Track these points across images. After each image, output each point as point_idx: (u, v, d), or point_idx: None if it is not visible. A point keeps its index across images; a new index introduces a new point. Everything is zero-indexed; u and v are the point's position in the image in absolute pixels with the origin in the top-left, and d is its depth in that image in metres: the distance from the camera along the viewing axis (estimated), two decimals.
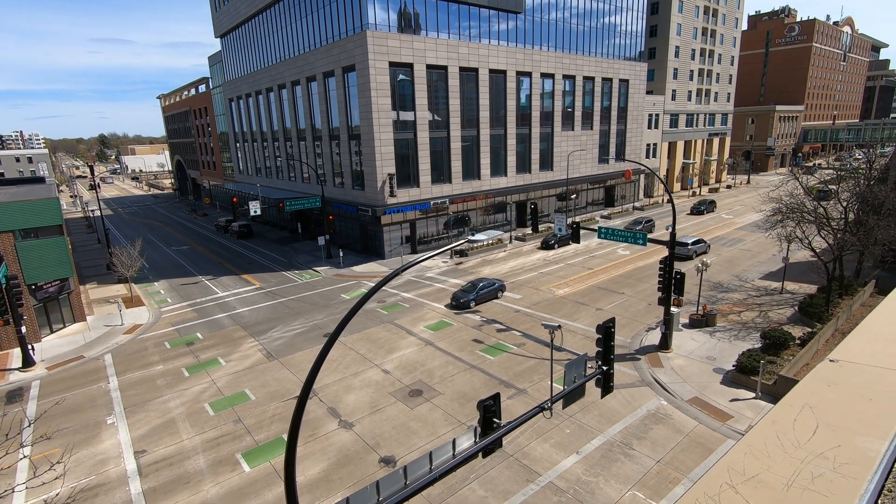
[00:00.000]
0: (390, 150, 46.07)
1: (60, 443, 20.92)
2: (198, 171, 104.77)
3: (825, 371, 4.10)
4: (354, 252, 51.73)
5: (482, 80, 51.90)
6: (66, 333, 33.75)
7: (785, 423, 3.43)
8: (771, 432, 3.37)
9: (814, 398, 3.71)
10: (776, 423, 3.44)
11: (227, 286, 43.62)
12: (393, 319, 33.70)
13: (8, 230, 30.47)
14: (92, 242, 65.80)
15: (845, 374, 4.00)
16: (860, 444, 3.18)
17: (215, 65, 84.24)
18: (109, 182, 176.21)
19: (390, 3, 44.41)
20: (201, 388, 25.42)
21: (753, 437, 3.36)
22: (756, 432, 3.47)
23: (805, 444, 3.22)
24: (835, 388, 3.84)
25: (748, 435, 3.48)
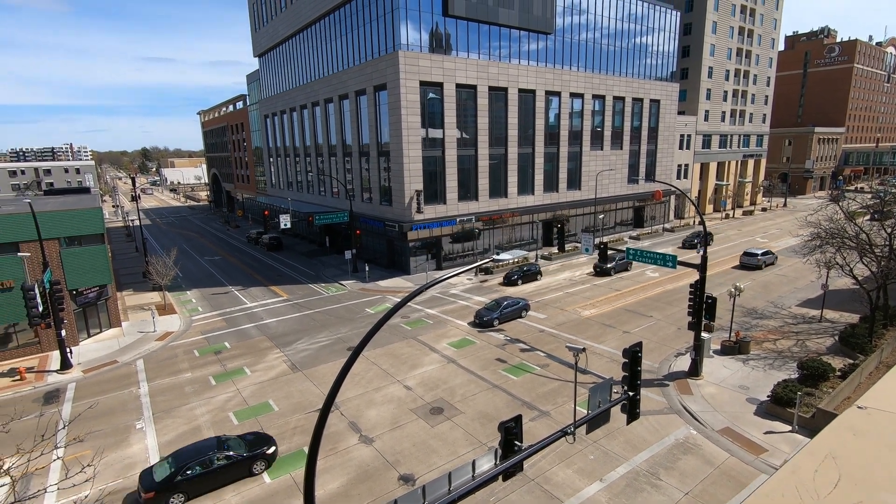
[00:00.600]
0: (418, 167, 46.66)
1: (92, 445, 21.55)
2: (232, 184, 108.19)
3: (852, 418, 3.90)
4: (380, 267, 52.22)
5: (511, 99, 52.28)
6: (102, 338, 34.99)
7: (806, 472, 3.26)
8: (790, 482, 3.21)
9: (838, 447, 3.52)
10: (796, 473, 3.28)
11: (256, 297, 44.55)
12: (416, 335, 33.72)
13: (54, 237, 32.02)
14: (130, 251, 68.40)
15: (874, 423, 3.79)
16: (885, 501, 2.99)
17: (253, 83, 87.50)
18: (149, 193, 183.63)
19: (422, 25, 45.44)
20: (227, 397, 25.87)
21: (771, 487, 3.22)
22: (775, 481, 3.33)
23: (825, 498, 3.05)
24: (862, 437, 3.64)
25: (766, 484, 3.35)
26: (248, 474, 19.22)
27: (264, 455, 19.50)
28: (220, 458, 18.67)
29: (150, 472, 18.27)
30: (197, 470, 18.20)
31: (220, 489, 18.72)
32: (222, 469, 18.62)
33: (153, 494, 17.40)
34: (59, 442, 20.48)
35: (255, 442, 19.99)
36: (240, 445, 19.53)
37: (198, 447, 19.20)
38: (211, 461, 18.50)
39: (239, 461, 18.93)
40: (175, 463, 18.30)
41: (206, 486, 18.38)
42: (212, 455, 18.61)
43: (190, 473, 18.05)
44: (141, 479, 18.11)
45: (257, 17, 76.55)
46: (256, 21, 77.18)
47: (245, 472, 19.11)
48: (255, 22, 77.59)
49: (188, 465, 18.15)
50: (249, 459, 19.15)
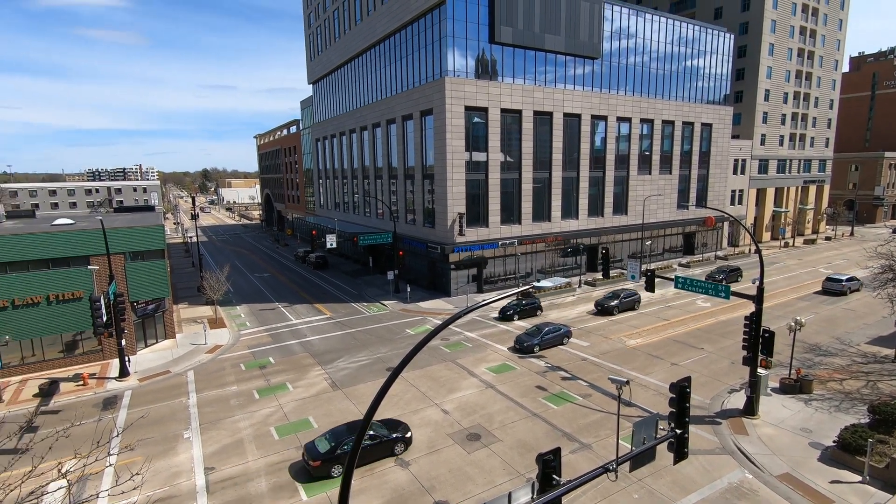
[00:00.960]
0: (462, 190, 47.09)
1: (142, 452, 22.50)
2: (283, 204, 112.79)
3: None
4: (422, 288, 52.56)
5: (556, 123, 52.19)
6: (158, 349, 36.83)
7: None
8: None
9: None
10: None
11: (301, 314, 45.75)
12: (455, 358, 33.50)
13: (120, 252, 34.31)
14: (187, 266, 72.16)
15: None
16: None
17: (306, 108, 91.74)
18: (207, 212, 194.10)
19: (469, 52, 46.43)
20: (269, 412, 26.47)
21: None
22: None
23: None
24: None
25: None
26: (391, 454, 21.74)
27: (404, 438, 22.02)
28: (369, 437, 21.31)
29: (314, 446, 21.04)
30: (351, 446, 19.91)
31: (369, 464, 21.17)
32: (372, 447, 21.22)
33: (319, 463, 20.15)
34: (112, 448, 21.51)
35: (392, 427, 22.45)
36: (381, 428, 22.09)
37: (349, 426, 22.11)
38: (366, 437, 20.99)
39: (385, 441, 21.55)
40: (333, 439, 21.10)
41: (359, 461, 20.80)
42: (369, 432, 21.34)
43: (346, 448, 20.62)
44: (307, 451, 20.85)
45: (313, 47, 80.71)
46: (311, 51, 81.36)
47: (388, 451, 21.68)
48: (311, 52, 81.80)
49: (345, 441, 20.85)
50: (392, 441, 21.72)
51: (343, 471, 18.49)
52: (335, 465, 20.37)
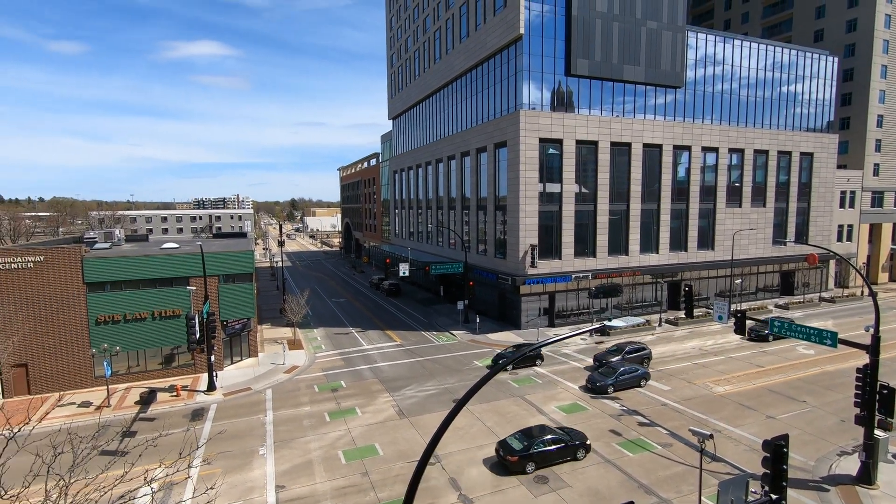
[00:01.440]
0: (534, 222, 46.60)
1: (221, 464, 23.82)
2: (361, 232, 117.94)
3: None
4: (491, 319, 52.02)
5: (635, 154, 50.53)
6: (242, 366, 39.29)
7: None
8: None
9: None
10: None
11: (373, 340, 46.92)
12: (524, 394, 32.49)
13: (215, 274, 37.44)
14: (272, 289, 77.07)
15: None
16: None
17: (385, 142, 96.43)
18: (293, 238, 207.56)
19: (544, 85, 46.67)
20: (338, 435, 27.07)
21: None
22: None
23: None
24: None
25: None
26: (574, 458, 23.58)
27: (584, 444, 23.97)
28: (555, 440, 23.33)
29: (507, 443, 23.32)
30: (541, 447, 22.98)
31: (555, 465, 23.19)
32: (558, 450, 23.24)
33: (516, 459, 22.45)
34: (195, 458, 22.97)
35: (573, 435, 24.40)
36: (565, 434, 24.12)
37: (541, 428, 24.23)
38: (552, 441, 23.29)
39: (569, 446, 23.47)
40: (524, 439, 23.33)
41: (547, 461, 23.07)
42: (551, 436, 23.43)
43: (537, 448, 22.88)
44: (502, 447, 23.23)
45: (393, 85, 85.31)
46: (392, 89, 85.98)
47: (572, 454, 23.55)
48: (392, 90, 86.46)
49: (536, 441, 23.04)
50: (574, 446, 23.60)
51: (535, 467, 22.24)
52: (529, 462, 22.54)
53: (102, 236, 45.78)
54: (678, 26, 50.50)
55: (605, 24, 47.38)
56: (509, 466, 22.62)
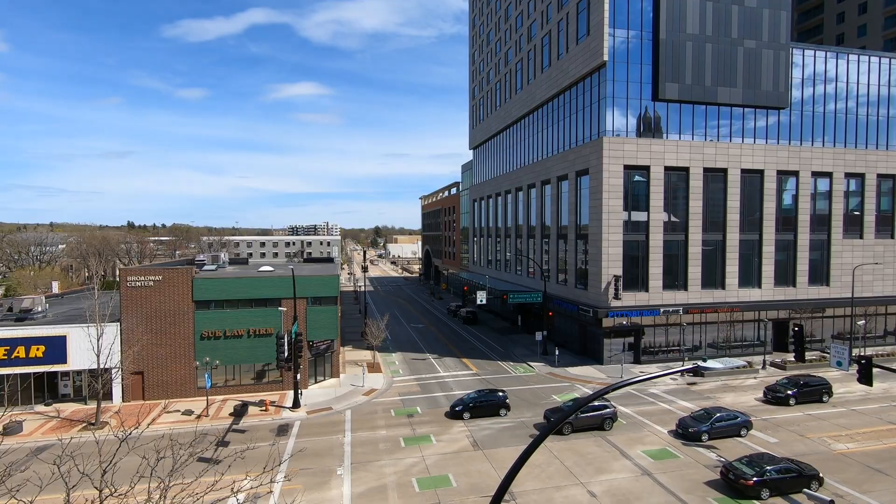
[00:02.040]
0: (618, 251, 44.62)
1: (301, 481, 24.68)
2: (441, 259, 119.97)
3: None
4: (571, 352, 49.98)
5: (731, 180, 47.02)
6: (325, 385, 40.94)
7: None
8: None
9: None
10: None
11: (449, 367, 46.90)
12: (606, 434, 30.54)
13: (304, 297, 39.77)
14: (355, 313, 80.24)
15: None
16: None
17: (466, 171, 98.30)
18: (375, 264, 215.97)
19: (629, 110, 45.29)
20: (412, 462, 27.05)
21: None
22: None
23: None
24: None
25: None
26: (808, 487, 23.49)
27: (817, 477, 23.66)
28: (784, 470, 23.41)
29: (737, 467, 23.68)
30: (775, 475, 23.14)
31: (792, 494, 23.18)
32: (791, 479, 23.30)
33: (752, 482, 22.73)
34: (279, 473, 24.00)
35: (803, 466, 24.06)
36: (799, 465, 23.96)
37: (770, 456, 24.63)
38: (785, 469, 23.43)
39: (800, 477, 23.38)
40: (754, 465, 23.52)
41: (783, 489, 23.21)
42: (784, 465, 23.67)
43: (771, 475, 23.08)
44: (730, 470, 23.68)
45: (475, 116, 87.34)
46: (474, 119, 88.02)
47: (806, 485, 23.48)
48: (473, 120, 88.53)
49: (766, 468, 23.27)
50: (808, 477, 23.45)
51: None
52: (764, 489, 22.66)
53: (210, 259, 50.65)
54: (781, 44, 47.01)
55: (697, 46, 45.32)
56: (743, 490, 22.84)
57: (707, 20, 45.58)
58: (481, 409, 33.64)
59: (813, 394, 35.76)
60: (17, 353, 34.55)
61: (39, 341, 35.10)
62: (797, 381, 36.22)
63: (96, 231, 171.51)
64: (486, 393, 34.75)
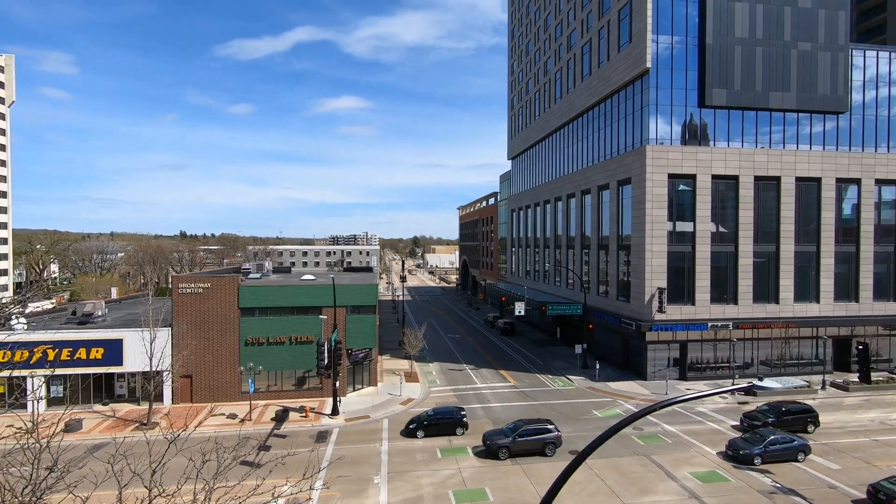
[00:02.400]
0: (662, 263, 43.14)
1: (339, 488, 24.89)
2: (478, 270, 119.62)
3: None
4: (612, 366, 48.51)
5: (785, 189, 44.72)
6: (363, 394, 41.34)
7: None
8: None
9: None
10: None
11: (486, 378, 46.43)
12: (650, 453, 29.33)
13: (344, 305, 40.46)
14: (392, 322, 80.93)
15: None
16: None
17: (504, 182, 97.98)
18: (413, 274, 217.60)
19: (674, 118, 43.99)
20: (449, 474, 26.81)
21: None
22: None
23: None
24: None
25: None
26: None
27: None
28: None
29: (887, 487, 22.50)
30: None
31: None
32: None
33: None
34: (317, 480, 24.31)
35: None
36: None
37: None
38: None
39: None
40: None
41: None
42: None
43: None
44: (882, 491, 22.47)
45: (513, 126, 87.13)
46: (512, 130, 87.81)
47: None
48: (511, 131, 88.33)
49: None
50: None
51: None
52: None
53: (255, 267, 52.44)
54: (839, 45, 44.62)
55: (747, 50, 43.64)
56: None
57: (757, 23, 43.86)
58: (437, 428, 31.96)
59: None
60: (78, 354, 36.75)
61: (99, 344, 37.21)
62: (777, 407, 32.88)
63: (152, 240, 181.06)
64: (444, 410, 33.47)
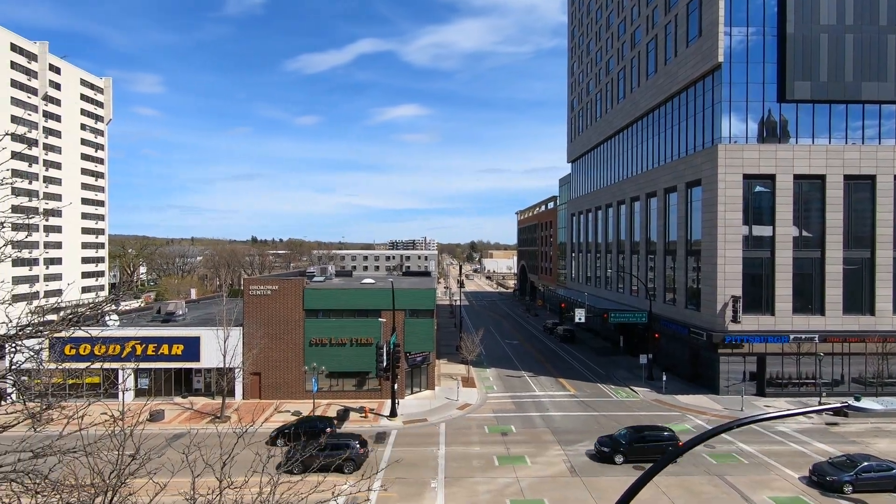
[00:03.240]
0: (737, 270, 40.35)
1: (396, 490, 25.17)
2: (536, 275, 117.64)
3: None
4: (680, 378, 45.88)
5: (882, 188, 40.52)
6: (420, 397, 41.70)
7: None
8: None
9: None
10: None
11: (545, 386, 45.42)
12: (723, 473, 27.38)
13: (402, 309, 41.09)
14: (450, 326, 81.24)
15: None
16: None
17: (563, 185, 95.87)
18: (470, 279, 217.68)
19: (749, 114, 41.15)
20: (506, 483, 26.39)
21: None
22: None
23: None
24: None
25: None
26: None
27: None
28: None
29: None
30: None
31: None
32: None
33: None
34: (376, 481, 24.73)
35: None
36: None
37: None
38: None
39: None
40: None
41: None
42: None
43: None
44: None
45: (573, 129, 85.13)
46: (572, 132, 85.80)
47: None
48: (571, 133, 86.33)
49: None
50: None
51: None
52: None
53: (319, 271, 54.51)
54: None
55: (834, 39, 40.09)
56: None
57: (846, 9, 40.19)
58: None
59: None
60: (162, 349, 39.79)
61: (179, 341, 40.11)
62: None
63: (227, 245, 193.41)
64: (309, 420, 31.44)
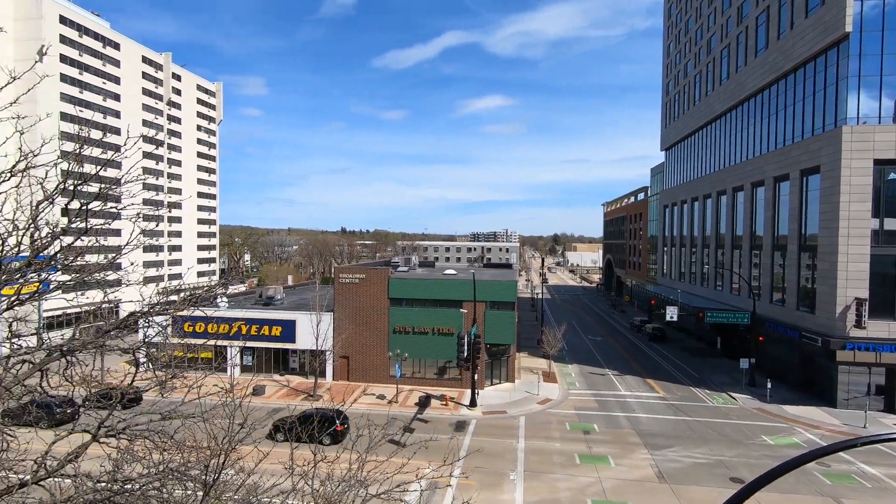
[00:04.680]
0: (862, 268, 35.60)
1: (476, 479, 25.50)
2: (623, 270, 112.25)
3: None
4: (788, 387, 41.60)
5: None
6: (500, 389, 41.76)
7: None
8: None
9: None
10: None
11: (631, 386, 43.44)
12: (838, 495, 24.51)
13: (483, 301, 41.27)
14: (531, 319, 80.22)
15: None
16: None
17: (656, 175, 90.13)
18: (553, 272, 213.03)
19: (884, 91, 35.87)
20: (588, 482, 25.71)
21: None
22: None
23: None
24: None
25: None
26: None
27: None
28: None
29: None
30: None
31: None
32: None
33: None
34: (456, 468, 25.24)
35: None
36: None
37: None
38: None
39: None
40: None
41: None
42: None
43: None
44: None
45: (668, 115, 79.58)
46: (667, 118, 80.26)
47: None
48: (666, 119, 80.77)
49: None
50: None
51: None
52: None
53: (403, 261, 56.31)
54: None
55: None
56: None
57: None
58: None
59: None
60: (263, 330, 43.49)
61: (278, 323, 43.57)
62: None
63: (319, 235, 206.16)
64: None
